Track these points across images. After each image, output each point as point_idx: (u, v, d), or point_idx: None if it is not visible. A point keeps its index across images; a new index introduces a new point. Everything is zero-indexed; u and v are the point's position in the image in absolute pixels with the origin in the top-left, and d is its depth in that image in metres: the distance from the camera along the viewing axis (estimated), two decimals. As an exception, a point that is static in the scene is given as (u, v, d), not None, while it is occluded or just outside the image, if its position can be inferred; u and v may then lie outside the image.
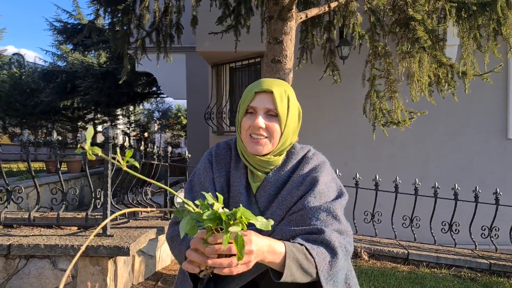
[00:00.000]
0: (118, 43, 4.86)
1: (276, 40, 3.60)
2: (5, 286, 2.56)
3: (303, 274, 1.02)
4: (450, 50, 4.95)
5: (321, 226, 1.12)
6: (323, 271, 1.04)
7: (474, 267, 3.82)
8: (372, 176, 4.25)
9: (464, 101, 4.78)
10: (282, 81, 1.28)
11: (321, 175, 1.22)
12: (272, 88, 1.20)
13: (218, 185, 1.29)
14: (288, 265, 0.99)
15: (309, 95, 6.30)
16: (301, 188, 1.21)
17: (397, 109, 3.99)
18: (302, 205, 1.17)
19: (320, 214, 1.15)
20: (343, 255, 1.10)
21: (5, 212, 3.06)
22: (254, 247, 0.91)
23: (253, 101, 1.22)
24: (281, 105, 1.21)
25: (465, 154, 6.36)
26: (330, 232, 1.10)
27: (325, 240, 1.08)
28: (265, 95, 1.21)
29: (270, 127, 1.21)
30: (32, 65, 20.86)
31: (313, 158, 1.28)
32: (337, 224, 1.15)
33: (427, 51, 3.49)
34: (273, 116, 1.22)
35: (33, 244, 2.56)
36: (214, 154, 1.35)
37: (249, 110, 1.23)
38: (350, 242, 1.16)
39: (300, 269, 1.01)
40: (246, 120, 1.23)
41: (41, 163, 11.41)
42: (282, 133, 1.23)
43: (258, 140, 1.21)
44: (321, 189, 1.20)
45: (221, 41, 5.02)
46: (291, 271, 0.99)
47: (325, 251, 1.07)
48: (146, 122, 26.66)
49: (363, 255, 3.88)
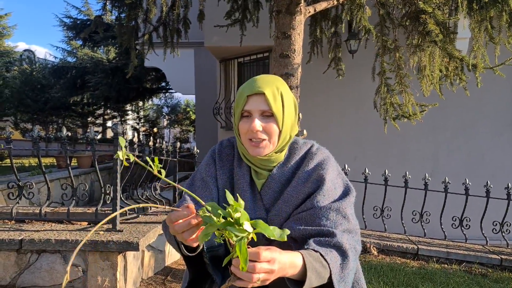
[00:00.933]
0: (125, 37, 4.86)
1: (284, 34, 3.57)
2: (17, 280, 2.60)
3: (319, 280, 1.02)
4: (461, 43, 4.89)
5: (331, 227, 1.12)
6: (335, 275, 1.04)
7: (485, 262, 3.78)
8: (382, 171, 4.23)
9: (475, 94, 4.71)
10: (273, 77, 1.25)
11: (327, 172, 1.21)
12: (263, 90, 1.18)
13: (221, 182, 1.28)
14: (309, 276, 0.98)
15: (318, 90, 6.27)
16: (307, 185, 1.20)
17: (408, 103, 3.95)
18: (311, 205, 1.16)
19: (330, 214, 1.14)
20: (353, 256, 1.10)
21: (17, 208, 3.09)
22: (276, 266, 0.89)
23: (247, 104, 1.20)
24: (275, 105, 1.19)
25: (477, 148, 6.28)
26: (340, 235, 1.10)
27: (337, 243, 1.08)
28: (257, 97, 1.19)
29: (268, 128, 1.19)
30: (43, 61, 21.04)
31: (317, 153, 1.27)
32: (347, 223, 1.15)
33: (438, 44, 3.44)
34: (269, 117, 1.20)
35: (44, 239, 2.59)
36: (217, 151, 1.35)
37: (244, 114, 1.21)
38: (359, 241, 1.16)
39: (318, 276, 1.01)
40: (243, 124, 1.21)
41: (52, 159, 11.53)
42: (281, 131, 1.21)
43: (258, 144, 1.20)
44: (329, 187, 1.19)
45: (229, 36, 5.01)
46: (311, 281, 0.99)
47: (337, 254, 1.07)
48: (155, 117, 26.80)
49: (372, 251, 3.86)
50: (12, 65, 20.12)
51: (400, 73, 3.88)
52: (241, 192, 1.26)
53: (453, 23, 3.85)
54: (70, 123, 19.36)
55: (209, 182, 1.29)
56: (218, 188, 1.29)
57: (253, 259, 0.86)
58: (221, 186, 1.29)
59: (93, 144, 3.02)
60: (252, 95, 1.19)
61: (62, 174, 6.79)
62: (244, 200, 1.23)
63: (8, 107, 17.27)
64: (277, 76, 1.29)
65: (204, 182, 1.29)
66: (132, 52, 4.88)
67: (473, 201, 4.10)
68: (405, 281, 3.10)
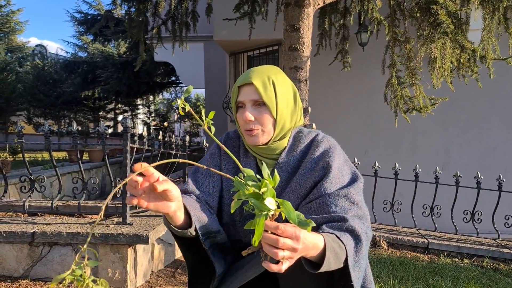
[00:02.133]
0: (135, 31, 4.89)
1: (293, 27, 3.55)
2: (30, 272, 2.64)
3: (336, 262, 1.00)
4: (474, 35, 4.81)
5: (341, 213, 1.11)
6: (350, 258, 1.03)
7: (497, 256, 3.74)
8: (392, 164, 4.19)
9: (487, 87, 4.64)
10: (268, 67, 1.26)
11: (333, 159, 1.21)
12: (252, 80, 1.19)
13: (225, 171, 1.29)
14: (328, 256, 0.96)
15: (327, 83, 6.23)
16: (314, 173, 1.20)
17: (419, 96, 3.91)
18: (319, 193, 1.16)
19: (339, 200, 1.13)
20: (366, 240, 1.09)
21: (30, 201, 3.14)
22: (301, 245, 0.85)
23: (239, 95, 1.22)
24: (266, 93, 1.19)
25: (489, 141, 6.20)
26: (352, 220, 1.09)
27: (349, 227, 1.07)
28: (248, 87, 1.20)
29: (260, 118, 1.20)
30: (54, 56, 21.25)
31: (323, 141, 1.26)
32: (356, 209, 1.14)
33: (449, 35, 3.39)
34: (261, 106, 1.21)
35: (56, 232, 2.62)
36: (223, 142, 1.35)
37: (239, 105, 1.24)
38: (369, 227, 1.15)
39: (336, 258, 0.99)
40: (238, 115, 1.24)
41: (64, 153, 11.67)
42: (276, 119, 1.22)
43: (251, 132, 1.21)
44: (335, 174, 1.18)
45: (238, 29, 5.00)
46: (329, 261, 0.97)
47: (350, 238, 1.06)
48: (165, 111, 26.93)
49: (382, 244, 3.84)
50: (25, 60, 20.37)
51: (411, 65, 3.83)
52: None
53: (465, 14, 3.78)
54: (82, 117, 19.56)
55: (211, 164, 1.30)
56: (222, 179, 1.29)
57: (276, 232, 0.82)
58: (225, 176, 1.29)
59: (103, 138, 3.04)
60: (243, 85, 1.22)
61: (73, 168, 6.86)
62: None
63: (21, 101, 17.50)
64: (274, 66, 1.29)
65: (205, 164, 1.30)
66: (140, 45, 4.90)
67: (485, 194, 4.05)
68: (415, 275, 3.09)
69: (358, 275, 1.06)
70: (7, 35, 20.21)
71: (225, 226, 1.29)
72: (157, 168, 0.95)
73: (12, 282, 2.53)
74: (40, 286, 2.51)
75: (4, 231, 2.62)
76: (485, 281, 3.09)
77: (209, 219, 1.16)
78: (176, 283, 2.80)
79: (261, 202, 0.81)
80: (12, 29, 20.18)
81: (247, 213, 1.23)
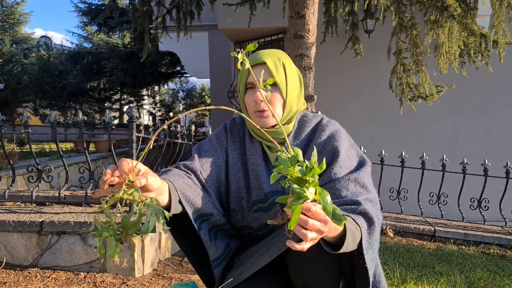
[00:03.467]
0: (139, 21, 4.86)
1: (298, 14, 3.51)
2: (39, 260, 2.67)
3: (354, 243, 1.00)
4: (482, 20, 4.73)
5: (352, 197, 1.11)
6: (365, 240, 1.03)
7: (503, 244, 3.73)
8: (399, 152, 4.17)
9: (496, 73, 4.58)
10: (276, 50, 1.26)
11: (340, 143, 1.21)
12: (265, 59, 1.19)
13: (231, 157, 1.29)
14: (347, 238, 0.96)
15: (333, 71, 6.19)
16: (321, 157, 1.20)
17: (425, 83, 3.87)
18: (329, 178, 1.16)
19: (349, 184, 1.14)
20: (378, 223, 1.09)
21: (37, 191, 3.16)
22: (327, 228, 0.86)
23: (250, 76, 1.21)
24: (278, 74, 1.19)
25: (497, 128, 6.14)
26: (364, 202, 1.09)
27: (363, 210, 1.07)
28: (259, 67, 1.20)
29: (271, 98, 1.20)
30: (59, 47, 21.25)
31: (329, 125, 1.26)
32: (366, 193, 1.14)
33: (457, 19, 3.33)
34: (272, 86, 1.20)
35: (63, 221, 2.65)
36: (229, 127, 1.35)
37: (248, 86, 1.23)
38: (379, 210, 1.15)
39: (353, 239, 1.00)
40: (248, 97, 1.22)
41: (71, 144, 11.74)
42: (285, 101, 1.21)
43: (263, 113, 1.20)
44: (344, 158, 1.19)
45: (242, 17, 4.95)
46: (347, 243, 0.97)
47: (364, 220, 1.06)
48: (171, 102, 26.96)
49: (389, 232, 3.84)
50: (30, 52, 20.40)
51: (417, 51, 3.79)
52: (256, 167, 1.26)
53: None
54: (88, 108, 19.61)
55: (217, 148, 1.29)
56: (228, 162, 1.29)
57: (307, 214, 0.82)
58: (231, 160, 1.29)
59: (109, 128, 3.05)
60: (254, 65, 1.20)
61: (80, 158, 6.91)
62: (259, 174, 1.24)
63: (27, 93, 17.56)
64: (280, 50, 1.30)
65: (212, 146, 1.29)
66: (146, 35, 4.88)
67: (492, 182, 4.03)
68: (421, 262, 3.09)
69: (371, 257, 1.07)
70: (12, 27, 20.23)
71: (233, 212, 1.29)
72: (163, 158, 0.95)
73: (22, 271, 2.57)
74: (50, 274, 2.55)
75: (13, 221, 2.65)
76: (492, 268, 3.08)
77: (203, 201, 1.15)
78: (183, 271, 2.83)
79: (303, 189, 0.79)
80: (16, 20, 20.18)
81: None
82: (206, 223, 1.17)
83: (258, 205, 1.25)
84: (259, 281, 1.18)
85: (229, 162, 1.29)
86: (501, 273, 2.95)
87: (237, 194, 1.27)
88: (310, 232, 0.83)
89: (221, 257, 1.20)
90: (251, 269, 1.13)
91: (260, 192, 1.25)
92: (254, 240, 1.27)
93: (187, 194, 1.10)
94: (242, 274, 1.15)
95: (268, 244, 1.15)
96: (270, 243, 1.15)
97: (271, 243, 1.14)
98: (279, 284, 1.23)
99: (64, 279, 2.50)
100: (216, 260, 1.18)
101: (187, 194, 1.10)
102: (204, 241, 1.14)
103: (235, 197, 1.27)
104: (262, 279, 1.19)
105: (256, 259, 1.15)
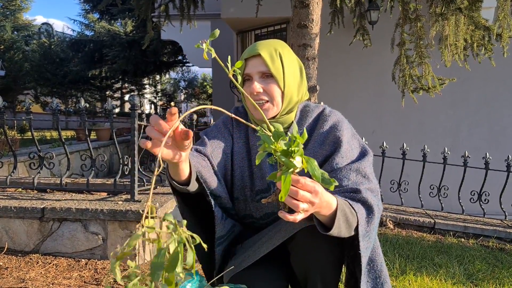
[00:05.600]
0: (142, 9, 4.83)
1: (302, 3, 3.48)
2: (41, 247, 2.69)
3: (347, 228, 1.01)
4: (487, 13, 4.70)
5: (353, 186, 1.11)
6: (361, 226, 1.04)
7: (503, 237, 3.74)
8: (400, 144, 4.17)
9: (499, 66, 4.55)
10: (274, 40, 1.25)
11: (343, 133, 1.21)
12: (260, 51, 1.18)
13: (237, 145, 1.29)
14: (338, 217, 0.97)
15: (336, 61, 6.16)
16: (324, 147, 1.20)
17: (428, 75, 3.85)
18: (331, 167, 1.16)
19: (351, 174, 1.14)
20: (377, 213, 1.10)
21: (39, 178, 3.17)
22: (317, 200, 0.88)
23: (246, 68, 1.21)
24: (273, 65, 1.19)
25: (498, 122, 6.13)
26: (365, 191, 1.10)
27: (362, 198, 1.08)
28: (255, 59, 1.20)
29: (269, 89, 1.19)
30: (61, 35, 21.16)
31: (331, 115, 1.26)
32: (368, 183, 1.14)
33: (463, 12, 3.31)
34: (269, 77, 1.20)
35: (65, 207, 2.66)
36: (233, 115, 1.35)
37: (246, 78, 1.22)
38: (380, 200, 1.16)
39: (346, 222, 1.00)
40: (245, 88, 1.22)
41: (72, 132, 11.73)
42: (283, 92, 1.21)
43: (261, 106, 1.20)
44: (346, 149, 1.19)
45: (246, 7, 4.92)
46: (339, 223, 0.98)
47: (363, 208, 1.07)
48: (172, 91, 26.89)
49: (388, 224, 3.86)
50: (31, 39, 20.30)
51: (421, 44, 3.76)
52: None
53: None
54: (89, 96, 19.58)
55: (225, 133, 1.29)
56: (233, 150, 1.29)
57: (297, 186, 0.85)
58: (236, 148, 1.29)
59: (111, 116, 3.05)
60: (250, 58, 1.21)
61: (82, 146, 6.91)
62: (263, 164, 1.24)
63: (28, 80, 17.53)
64: (279, 40, 1.28)
65: (220, 133, 1.30)
66: (148, 23, 4.85)
67: (493, 175, 4.03)
68: (421, 254, 3.10)
69: (367, 245, 1.07)
70: (13, 13, 20.09)
71: (236, 201, 1.29)
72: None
73: (23, 256, 2.58)
74: (51, 260, 2.56)
75: (15, 207, 2.66)
76: (491, 260, 3.10)
77: (215, 183, 1.17)
78: (183, 259, 2.84)
79: (290, 160, 0.82)
80: (18, 7, 20.03)
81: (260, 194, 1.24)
82: (215, 201, 1.18)
83: (261, 195, 1.26)
84: (261, 269, 1.19)
85: (234, 150, 1.29)
86: (500, 266, 2.97)
87: (241, 183, 1.28)
88: (302, 203, 0.85)
89: (224, 236, 1.21)
90: (253, 257, 1.14)
91: (263, 182, 1.25)
92: (256, 229, 1.28)
93: (202, 173, 1.12)
94: (244, 262, 1.15)
95: (271, 233, 1.16)
96: (273, 232, 1.15)
97: (273, 232, 1.15)
98: (281, 272, 1.24)
99: (65, 265, 2.51)
100: (220, 238, 1.19)
101: (203, 173, 1.12)
102: (217, 218, 1.15)
103: (239, 185, 1.28)
104: (264, 267, 1.20)
105: (258, 247, 1.16)
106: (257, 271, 1.18)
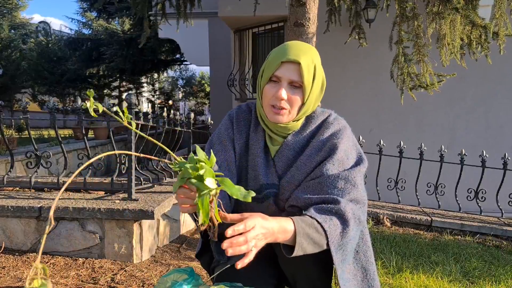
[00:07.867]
0: (139, 7, 4.82)
1: (299, 2, 3.48)
2: (38, 246, 2.69)
3: (314, 246, 1.04)
4: (484, 11, 4.70)
5: (337, 195, 1.11)
6: (333, 242, 1.05)
7: (499, 234, 3.76)
8: (397, 142, 4.18)
9: (496, 64, 4.56)
10: (309, 47, 1.21)
11: (341, 141, 1.20)
12: (300, 59, 1.14)
13: (238, 146, 1.29)
14: (299, 241, 1.00)
15: (333, 60, 6.16)
16: (320, 153, 1.19)
17: (426, 73, 3.85)
18: (320, 172, 1.16)
19: (338, 182, 1.13)
20: (355, 225, 1.10)
21: (36, 177, 3.17)
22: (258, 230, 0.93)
23: (278, 70, 1.16)
24: (308, 77, 1.16)
25: (495, 120, 6.14)
26: (345, 203, 1.09)
27: (339, 211, 1.08)
28: (292, 65, 1.15)
29: (292, 99, 1.17)
30: (58, 33, 21.09)
31: (334, 123, 1.25)
32: (355, 192, 1.14)
33: (460, 11, 3.31)
34: (296, 88, 1.17)
35: (62, 206, 2.65)
36: (235, 115, 1.34)
37: (273, 79, 1.18)
38: (364, 212, 1.16)
39: (311, 242, 1.03)
40: (269, 88, 1.19)
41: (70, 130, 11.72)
42: (304, 103, 1.19)
43: (279, 111, 1.18)
44: (340, 156, 1.18)
45: (243, 5, 4.92)
46: (302, 246, 1.01)
47: (338, 222, 1.07)
48: (170, 90, 26.84)
49: (386, 222, 3.87)
50: (28, 37, 20.24)
51: (419, 42, 3.77)
52: (255, 158, 1.26)
53: (476, -11, 3.69)
54: (87, 95, 19.53)
55: (227, 145, 1.29)
56: (235, 151, 1.29)
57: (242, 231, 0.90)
58: (237, 149, 1.29)
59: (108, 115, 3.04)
60: (287, 62, 1.16)
61: (79, 145, 6.91)
62: (257, 165, 1.24)
63: (25, 79, 17.48)
64: (313, 47, 1.24)
65: (223, 145, 1.30)
66: (145, 22, 4.84)
67: (489, 173, 4.04)
68: (418, 252, 3.11)
69: (341, 258, 1.08)
70: (10, 12, 20.01)
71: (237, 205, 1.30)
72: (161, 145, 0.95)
73: (21, 256, 2.58)
74: (48, 259, 2.56)
75: (12, 206, 2.66)
76: (487, 258, 3.11)
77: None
78: (181, 257, 2.85)
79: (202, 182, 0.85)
80: (15, 5, 19.95)
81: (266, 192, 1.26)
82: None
83: (268, 196, 1.26)
84: (254, 268, 1.19)
85: (235, 149, 1.29)
86: (496, 263, 2.98)
87: (240, 183, 1.28)
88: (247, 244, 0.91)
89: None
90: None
91: (256, 183, 1.25)
92: None
93: None
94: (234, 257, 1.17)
95: None
96: None
97: None
98: (272, 271, 1.25)
99: (62, 264, 2.51)
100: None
101: None
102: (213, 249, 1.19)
103: (235, 183, 1.28)
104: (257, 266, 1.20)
105: None
106: (250, 269, 1.18)
